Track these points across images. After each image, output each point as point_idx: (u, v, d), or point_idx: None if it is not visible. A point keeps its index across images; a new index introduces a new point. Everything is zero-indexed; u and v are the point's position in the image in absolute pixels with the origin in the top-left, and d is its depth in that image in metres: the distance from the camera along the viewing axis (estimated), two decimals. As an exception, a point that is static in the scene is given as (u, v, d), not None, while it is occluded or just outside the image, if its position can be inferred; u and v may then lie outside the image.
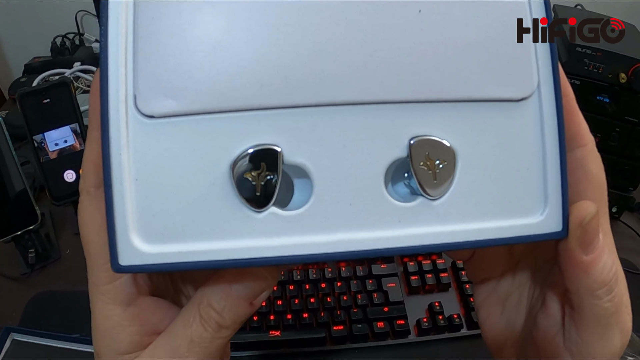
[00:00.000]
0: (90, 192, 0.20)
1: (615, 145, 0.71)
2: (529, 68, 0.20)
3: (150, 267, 0.18)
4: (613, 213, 0.76)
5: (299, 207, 0.19)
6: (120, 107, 0.18)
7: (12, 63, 1.17)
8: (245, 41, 0.18)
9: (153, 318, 0.21)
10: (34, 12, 1.11)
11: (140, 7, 0.18)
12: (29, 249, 0.66)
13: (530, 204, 0.20)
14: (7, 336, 0.56)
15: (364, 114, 0.19)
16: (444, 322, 0.57)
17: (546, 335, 0.23)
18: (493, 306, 0.27)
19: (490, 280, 0.27)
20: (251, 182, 0.18)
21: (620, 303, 0.20)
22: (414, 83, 0.19)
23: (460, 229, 0.20)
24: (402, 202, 0.20)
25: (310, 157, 0.19)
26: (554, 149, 0.20)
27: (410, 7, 0.19)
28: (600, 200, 0.21)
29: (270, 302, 0.59)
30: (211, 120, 0.18)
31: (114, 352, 0.20)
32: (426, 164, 0.19)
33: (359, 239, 0.19)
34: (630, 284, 0.21)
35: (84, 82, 1.00)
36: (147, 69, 0.18)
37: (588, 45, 0.66)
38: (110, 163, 0.18)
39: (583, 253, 0.20)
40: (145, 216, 0.18)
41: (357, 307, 0.58)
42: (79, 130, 0.68)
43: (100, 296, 0.20)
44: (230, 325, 0.20)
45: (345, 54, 0.18)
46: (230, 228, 0.19)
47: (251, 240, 0.19)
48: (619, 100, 0.68)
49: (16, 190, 0.64)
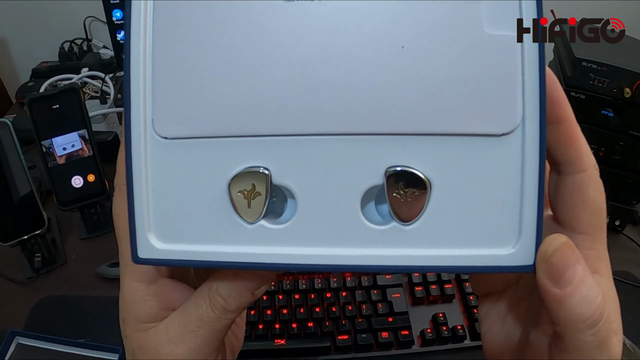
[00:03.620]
0: (122, 188, 0.23)
1: (619, 158, 0.71)
2: (513, 103, 0.20)
3: (162, 261, 0.22)
4: (616, 226, 0.76)
5: (286, 221, 0.22)
6: (141, 128, 0.21)
7: (19, 67, 1.18)
8: (242, 77, 0.21)
9: (171, 296, 0.24)
10: (42, 17, 1.12)
11: (157, 40, 0.21)
12: (35, 254, 0.66)
13: (503, 236, 0.21)
14: (12, 340, 0.57)
15: (346, 144, 0.21)
16: (447, 332, 0.57)
17: (534, 353, 0.23)
18: (494, 320, 0.27)
19: (493, 295, 0.27)
20: (243, 199, 0.21)
21: (606, 336, 0.20)
22: (394, 117, 0.20)
23: (428, 254, 0.21)
24: (376, 225, 0.21)
25: (294, 180, 0.21)
26: (533, 184, 0.20)
27: (394, 43, 0.20)
28: (596, 225, 0.21)
29: (276, 311, 0.59)
30: (214, 143, 0.21)
31: (136, 321, 0.24)
32: (399, 192, 0.21)
33: (333, 254, 0.21)
34: (632, 296, 0.21)
35: (91, 87, 1.01)
36: (162, 97, 0.21)
37: (593, 60, 0.66)
38: (132, 175, 0.22)
39: (555, 286, 0.19)
40: (160, 220, 0.22)
41: (362, 316, 0.59)
42: (87, 137, 0.68)
43: (128, 274, 0.24)
44: (234, 310, 0.23)
45: (331, 89, 0.20)
46: (227, 235, 0.22)
47: (242, 247, 0.22)
48: (623, 115, 0.68)
49: (23, 195, 0.65)
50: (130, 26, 0.21)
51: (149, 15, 0.21)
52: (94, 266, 0.67)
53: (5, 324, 0.60)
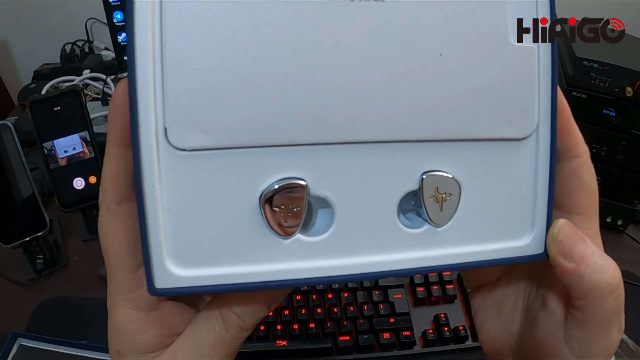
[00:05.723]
0: (111, 207, 0.20)
1: (620, 158, 0.71)
2: (531, 109, 0.21)
3: (185, 289, 0.20)
4: (618, 226, 0.76)
5: (321, 232, 0.21)
6: (152, 139, 0.18)
7: (21, 69, 1.18)
8: (274, 80, 0.19)
9: (173, 321, 0.22)
10: (44, 19, 1.12)
11: (168, 36, 0.18)
12: (37, 255, 0.66)
13: (520, 229, 0.23)
14: (15, 341, 0.57)
15: (383, 151, 0.20)
16: (449, 333, 0.57)
17: (547, 332, 0.23)
18: (489, 310, 0.27)
19: (486, 286, 0.28)
20: (279, 213, 0.20)
21: (622, 302, 0.21)
22: (429, 124, 0.20)
23: (459, 252, 0.22)
24: (411, 228, 0.22)
25: (333, 190, 0.20)
26: (545, 181, 0.22)
27: (433, 50, 0.20)
28: (591, 206, 0.23)
29: (277, 312, 0.59)
30: (241, 154, 0.19)
31: (136, 352, 0.22)
32: (434, 196, 0.21)
33: (373, 262, 0.21)
34: (634, 295, 0.22)
35: (93, 89, 1.01)
36: (177, 102, 0.18)
37: (594, 59, 0.66)
38: (144, 194, 0.18)
39: (570, 261, 0.21)
40: (179, 243, 0.19)
41: (364, 317, 0.59)
42: (88, 139, 0.68)
43: (124, 302, 0.21)
44: (250, 327, 0.22)
45: (369, 95, 0.19)
46: (259, 253, 0.20)
47: (278, 264, 0.20)
48: (624, 114, 0.68)
49: (25, 197, 0.65)
50: (134, 25, 0.18)
51: (157, 13, 0.18)
52: (96, 268, 0.67)
53: (7, 325, 0.60)
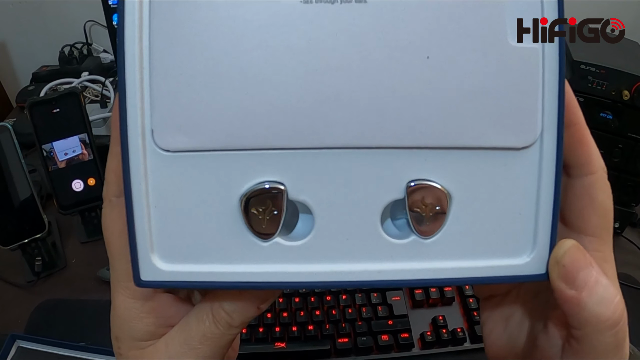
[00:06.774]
0: (112, 200, 0.21)
1: (618, 161, 0.71)
2: (533, 116, 0.20)
3: (167, 283, 0.21)
4: (615, 229, 0.76)
5: (302, 237, 0.21)
6: (139, 140, 0.19)
7: (20, 71, 1.18)
8: (255, 84, 0.19)
9: (168, 312, 0.23)
10: (43, 21, 1.12)
11: (154, 42, 0.19)
12: (36, 257, 0.66)
13: (518, 246, 0.21)
14: (13, 343, 0.57)
15: (366, 157, 0.20)
16: (447, 335, 0.57)
17: (544, 356, 0.23)
18: (497, 322, 0.27)
19: (495, 297, 0.27)
20: (258, 216, 0.20)
21: (623, 337, 0.20)
22: (415, 130, 0.19)
23: (447, 267, 0.21)
24: (396, 239, 0.21)
25: (312, 195, 0.20)
26: (549, 196, 0.20)
27: (419, 52, 0.19)
28: (604, 227, 0.21)
29: (276, 314, 0.59)
30: (222, 156, 0.20)
31: (131, 339, 0.23)
32: (420, 206, 0.20)
33: (353, 270, 0.20)
34: (631, 298, 0.21)
35: (91, 92, 1.01)
36: (163, 105, 0.19)
37: (591, 63, 0.66)
38: (132, 192, 0.20)
39: (571, 288, 0.19)
40: (164, 238, 0.20)
41: (362, 320, 0.59)
42: (87, 141, 0.68)
43: (122, 290, 0.22)
44: (239, 325, 0.22)
45: (351, 100, 0.19)
46: (238, 254, 0.20)
47: (256, 266, 0.20)
48: (622, 117, 0.68)
49: (24, 199, 0.65)
50: (124, 27, 0.19)
51: (145, 15, 0.19)
52: (94, 270, 0.67)
53: (5, 327, 0.60)
